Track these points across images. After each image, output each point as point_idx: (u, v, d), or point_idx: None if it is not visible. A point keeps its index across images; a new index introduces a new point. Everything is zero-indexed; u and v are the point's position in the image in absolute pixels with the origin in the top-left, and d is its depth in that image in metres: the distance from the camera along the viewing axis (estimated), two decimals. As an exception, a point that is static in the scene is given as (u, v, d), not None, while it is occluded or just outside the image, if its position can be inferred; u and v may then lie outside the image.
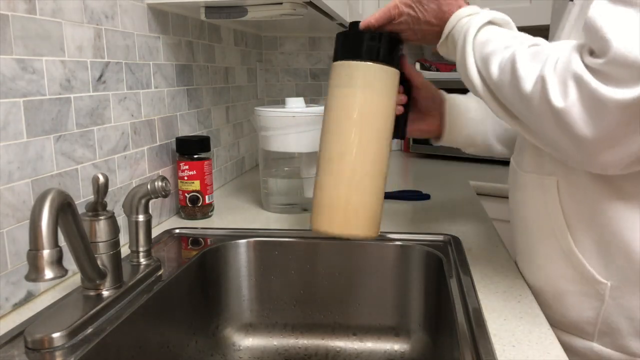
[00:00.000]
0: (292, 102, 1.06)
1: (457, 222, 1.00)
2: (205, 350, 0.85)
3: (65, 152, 0.74)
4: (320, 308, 0.92)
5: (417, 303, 0.89)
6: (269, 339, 0.92)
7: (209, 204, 1.04)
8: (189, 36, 1.13)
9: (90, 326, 0.59)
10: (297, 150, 1.06)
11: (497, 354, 0.55)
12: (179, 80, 1.08)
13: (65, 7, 0.73)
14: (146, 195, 0.70)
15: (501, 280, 0.74)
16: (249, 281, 0.92)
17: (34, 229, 0.49)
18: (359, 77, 0.72)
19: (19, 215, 0.66)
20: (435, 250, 0.85)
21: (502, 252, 0.85)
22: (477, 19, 0.64)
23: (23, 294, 0.67)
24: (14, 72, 0.65)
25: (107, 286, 0.65)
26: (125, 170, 0.89)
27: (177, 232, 0.96)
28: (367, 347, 0.90)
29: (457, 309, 0.65)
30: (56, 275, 0.49)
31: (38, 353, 0.54)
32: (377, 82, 0.72)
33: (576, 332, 0.67)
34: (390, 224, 0.99)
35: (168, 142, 1.03)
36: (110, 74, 0.84)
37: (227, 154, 1.38)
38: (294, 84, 1.78)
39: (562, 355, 0.55)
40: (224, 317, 0.91)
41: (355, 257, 0.90)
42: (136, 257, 0.74)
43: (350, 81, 0.72)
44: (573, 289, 0.65)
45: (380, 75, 0.73)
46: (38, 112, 0.68)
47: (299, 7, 0.97)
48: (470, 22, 0.65)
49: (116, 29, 0.85)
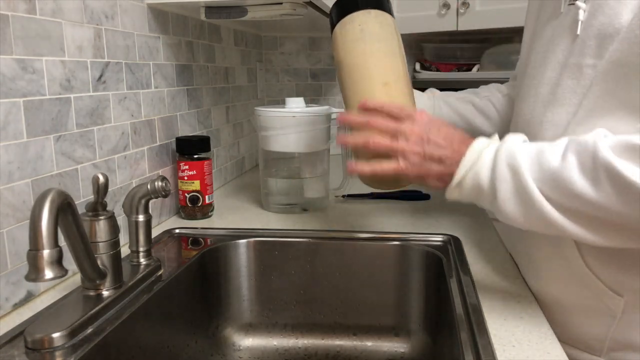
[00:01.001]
0: (292, 102, 1.06)
1: (457, 222, 1.00)
2: (205, 350, 0.85)
3: (65, 152, 0.74)
4: (320, 308, 0.92)
5: (417, 303, 0.89)
6: (269, 339, 0.92)
7: (209, 204, 1.04)
8: (189, 36, 1.13)
9: (90, 326, 0.59)
10: (297, 150, 1.06)
11: (497, 354, 0.55)
12: (179, 80, 1.08)
13: (65, 7, 0.73)
14: (146, 195, 0.70)
15: (501, 280, 0.73)
16: (249, 281, 0.92)
17: (34, 229, 0.49)
18: (368, 25, 0.75)
19: (19, 215, 0.66)
20: (435, 250, 0.85)
21: (502, 252, 0.85)
22: (511, 143, 0.58)
23: (23, 294, 0.67)
24: (14, 72, 0.65)
25: (107, 286, 0.65)
26: (125, 170, 0.89)
27: (177, 232, 0.96)
28: (367, 347, 0.90)
29: (457, 309, 0.65)
30: (56, 275, 0.49)
31: (38, 353, 0.54)
32: (389, 25, 0.77)
33: (582, 347, 0.65)
34: (390, 224, 0.99)
35: (168, 142, 1.03)
36: (110, 74, 0.84)
37: (227, 154, 1.38)
38: (294, 84, 1.78)
39: (562, 356, 0.55)
40: (224, 317, 0.91)
41: (355, 257, 0.90)
42: (136, 257, 0.74)
43: (359, 35, 0.75)
44: (582, 305, 0.63)
45: (383, 20, 0.77)
46: (38, 112, 0.68)
47: (299, 7, 0.97)
48: (506, 150, 0.57)
49: (116, 29, 0.85)
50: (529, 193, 0.54)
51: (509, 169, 0.56)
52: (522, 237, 0.72)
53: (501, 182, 0.56)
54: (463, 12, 1.71)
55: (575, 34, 0.61)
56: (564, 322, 0.66)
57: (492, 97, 0.95)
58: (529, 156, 0.55)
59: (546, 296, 0.68)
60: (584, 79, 0.59)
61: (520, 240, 0.74)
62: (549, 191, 0.53)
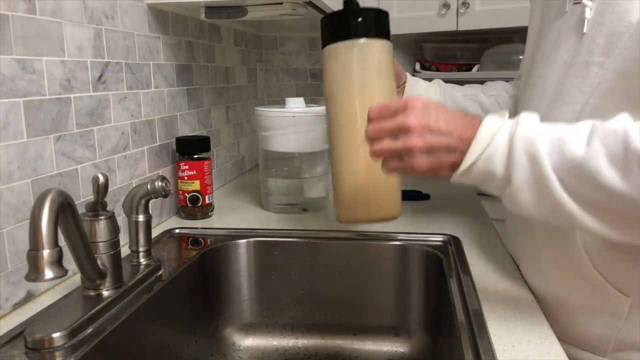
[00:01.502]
0: (292, 102, 1.06)
1: (457, 222, 1.00)
2: (205, 350, 0.85)
3: (65, 152, 0.74)
4: (320, 308, 0.92)
5: (417, 303, 0.89)
6: (269, 339, 0.92)
7: (209, 204, 1.04)
8: (189, 36, 1.13)
9: (90, 326, 0.59)
10: (297, 150, 1.06)
11: (497, 354, 0.55)
12: (179, 80, 1.08)
13: (65, 7, 0.73)
14: (146, 195, 0.70)
15: (501, 280, 0.73)
16: (249, 281, 0.92)
17: (34, 229, 0.49)
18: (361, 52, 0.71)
19: (19, 215, 0.66)
20: (435, 250, 0.85)
21: (502, 252, 0.85)
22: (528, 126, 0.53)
23: (23, 294, 0.67)
24: (14, 72, 0.65)
25: (107, 286, 0.65)
26: (125, 170, 0.89)
27: (177, 232, 0.96)
28: (367, 347, 0.90)
29: (457, 309, 0.65)
30: (56, 275, 0.49)
31: (38, 353, 0.54)
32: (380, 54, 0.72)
33: (586, 347, 0.65)
34: (390, 224, 0.99)
35: (168, 142, 1.03)
36: (110, 74, 0.84)
37: (227, 154, 1.38)
38: (294, 84, 1.78)
39: (562, 355, 0.55)
40: (224, 317, 0.91)
41: (355, 257, 0.90)
42: (136, 257, 0.74)
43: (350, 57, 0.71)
44: (588, 305, 0.63)
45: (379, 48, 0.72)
46: (38, 112, 0.68)
47: (299, 7, 0.97)
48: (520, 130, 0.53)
49: (116, 29, 0.85)
50: (548, 183, 0.51)
51: (527, 157, 0.51)
52: (527, 236, 0.72)
53: (517, 170, 0.52)
54: (463, 12, 1.71)
55: (582, 32, 0.61)
56: (569, 322, 0.66)
57: (499, 97, 0.94)
58: (549, 142, 0.51)
59: (550, 296, 0.67)
60: (590, 77, 0.59)
61: (524, 240, 0.74)
62: (570, 180, 0.50)
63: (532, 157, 0.51)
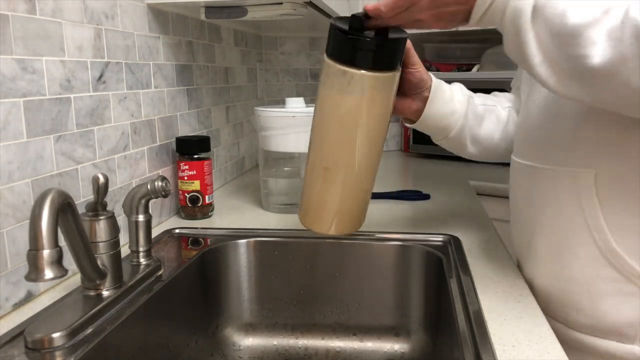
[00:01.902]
0: (292, 102, 1.06)
1: (457, 222, 1.00)
2: (205, 350, 0.85)
3: (65, 152, 0.74)
4: (320, 308, 0.92)
5: (417, 303, 0.89)
6: (269, 339, 0.92)
7: (209, 204, 1.04)
8: (189, 36, 1.13)
9: (90, 326, 0.59)
10: (297, 150, 1.06)
11: (497, 354, 0.55)
12: (179, 80, 1.08)
13: (65, 7, 0.73)
14: (146, 195, 0.70)
15: (501, 280, 0.73)
16: (249, 281, 0.92)
17: (34, 229, 0.49)
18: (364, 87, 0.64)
19: (19, 215, 0.66)
20: (435, 250, 0.85)
21: (502, 252, 0.85)
22: None
23: (23, 294, 0.67)
24: (14, 72, 0.65)
25: (107, 286, 0.65)
26: (125, 170, 0.89)
27: (177, 232, 0.96)
28: (367, 347, 0.90)
29: (457, 309, 0.65)
30: (56, 275, 0.49)
31: (38, 353, 0.54)
32: (383, 91, 0.66)
33: (614, 336, 0.63)
34: (390, 224, 0.99)
35: (168, 142, 1.03)
36: (110, 74, 0.84)
37: (227, 154, 1.38)
38: (294, 84, 1.78)
39: (562, 355, 0.55)
40: (224, 317, 0.91)
41: (355, 257, 0.90)
42: (136, 257, 0.74)
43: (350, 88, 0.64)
44: (612, 290, 0.62)
45: (386, 83, 0.66)
46: (38, 112, 0.68)
47: (299, 7, 0.97)
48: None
49: (116, 29, 0.85)
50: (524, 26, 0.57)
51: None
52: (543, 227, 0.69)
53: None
54: (463, 12, 1.71)
55: None
56: (594, 310, 0.64)
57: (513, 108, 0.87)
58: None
59: (574, 286, 0.65)
60: None
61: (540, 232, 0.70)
62: (547, 33, 0.54)
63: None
